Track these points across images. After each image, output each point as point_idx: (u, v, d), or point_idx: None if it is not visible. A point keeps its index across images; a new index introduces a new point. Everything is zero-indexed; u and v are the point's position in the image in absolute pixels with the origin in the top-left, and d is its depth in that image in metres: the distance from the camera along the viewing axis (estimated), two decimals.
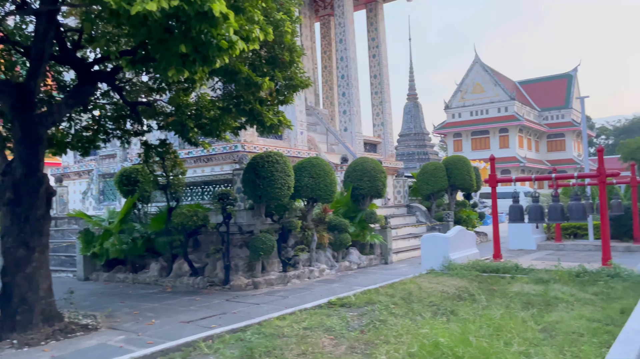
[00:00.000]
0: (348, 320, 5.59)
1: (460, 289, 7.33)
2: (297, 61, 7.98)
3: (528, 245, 13.98)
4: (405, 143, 37.32)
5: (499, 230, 9.97)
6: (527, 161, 47.01)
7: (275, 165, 8.78)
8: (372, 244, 11.81)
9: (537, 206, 9.35)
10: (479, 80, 49.23)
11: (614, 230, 14.02)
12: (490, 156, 10.11)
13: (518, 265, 8.95)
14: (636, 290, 6.72)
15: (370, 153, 17.15)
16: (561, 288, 6.95)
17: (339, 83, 16.41)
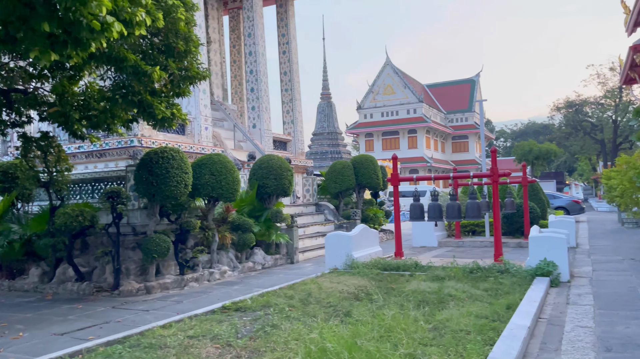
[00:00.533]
0: (239, 326, 5.28)
1: (360, 288, 7.27)
2: (194, 51, 7.52)
3: (430, 242, 14.43)
4: (318, 142, 37.56)
5: (400, 228, 10.12)
6: (434, 161, 49.19)
7: (170, 162, 8.24)
8: (278, 243, 11.56)
9: (436, 204, 9.57)
10: (389, 82, 50.76)
11: (507, 227, 14.89)
12: (392, 155, 10.24)
13: (418, 262, 9.10)
14: (522, 285, 7.01)
15: (280, 151, 16.91)
16: (455, 284, 7.10)
17: (248, 79, 15.99)
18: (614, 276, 8.26)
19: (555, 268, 7.90)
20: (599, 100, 46.39)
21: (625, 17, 20.34)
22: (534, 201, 15.42)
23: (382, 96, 51.30)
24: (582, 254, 11.37)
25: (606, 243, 13.41)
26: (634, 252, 11.31)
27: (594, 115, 47.60)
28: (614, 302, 6.36)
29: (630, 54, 20.29)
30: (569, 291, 7.17)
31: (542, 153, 38.37)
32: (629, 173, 12.36)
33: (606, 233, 16.54)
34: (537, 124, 78.55)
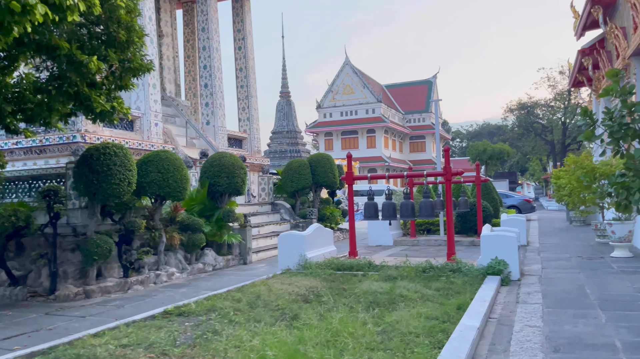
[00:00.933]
0: (178, 333, 4.97)
1: (311, 289, 7.07)
2: (138, 42, 7.11)
3: (386, 241, 14.40)
4: (277, 141, 37.25)
5: (355, 227, 9.98)
6: (392, 161, 49.68)
7: (112, 158, 7.80)
8: (230, 244, 11.22)
9: (390, 203, 9.49)
10: (349, 81, 50.93)
11: (461, 225, 15.03)
12: (347, 154, 10.08)
13: (371, 262, 8.98)
14: (473, 284, 6.98)
15: (235, 149, 16.51)
16: (407, 284, 7.00)
17: (202, 74, 15.52)
18: (562, 274, 8.38)
19: (506, 266, 7.93)
20: (549, 102, 48.06)
21: (575, 22, 21.00)
22: (487, 200, 15.64)
23: (341, 95, 51.42)
24: (532, 252, 11.56)
25: (555, 241, 13.73)
26: (581, 250, 11.58)
27: (545, 117, 49.30)
28: (562, 300, 6.39)
29: (578, 58, 20.96)
30: (519, 290, 7.19)
31: (496, 153, 39.40)
32: (576, 172, 12.67)
33: (555, 231, 16.98)
34: (492, 125, 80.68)
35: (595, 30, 19.48)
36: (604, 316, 5.49)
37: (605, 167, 12.20)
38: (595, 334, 4.81)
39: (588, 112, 7.42)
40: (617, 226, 10.00)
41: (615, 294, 6.62)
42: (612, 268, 8.81)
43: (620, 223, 9.97)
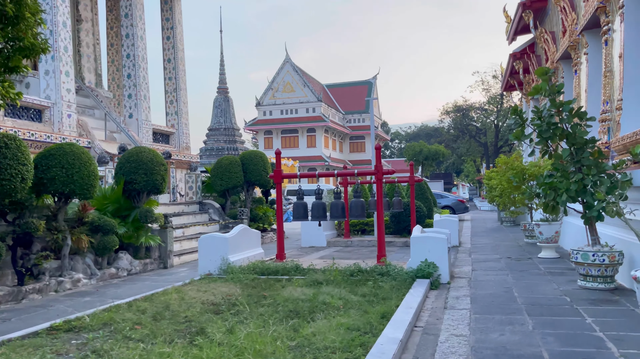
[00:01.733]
0: (58, 355, 4.23)
1: (229, 297, 6.46)
2: (30, 18, 6.22)
3: (319, 242, 13.98)
4: (214, 138, 36.10)
5: (283, 229, 9.44)
6: (332, 160, 49.62)
7: (3, 151, 6.84)
8: (149, 246, 10.37)
9: (320, 203, 9.03)
10: (289, 79, 50.38)
11: (395, 226, 14.86)
12: (276, 150, 9.53)
13: (299, 265, 8.48)
14: (401, 289, 6.62)
15: (161, 145, 15.54)
16: (332, 290, 6.54)
17: (125, 64, 14.46)
18: (491, 276, 8.22)
19: (436, 269, 7.66)
20: (483, 105, 49.69)
21: (507, 26, 21.50)
22: (421, 201, 15.56)
23: (281, 93, 50.78)
24: (463, 253, 11.48)
25: (486, 242, 13.81)
26: (511, 250, 11.62)
27: (479, 120, 50.96)
28: (490, 305, 6.14)
29: (510, 61, 21.47)
30: (447, 294, 6.91)
31: (431, 154, 40.21)
32: (507, 173, 12.75)
33: (487, 231, 17.21)
34: (429, 127, 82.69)
35: (526, 35, 20.00)
36: (531, 322, 5.25)
37: (534, 168, 12.34)
38: (522, 344, 4.51)
39: (518, 111, 7.27)
40: (545, 227, 10.04)
41: (542, 297, 6.45)
42: (540, 269, 8.77)
43: (547, 224, 10.02)
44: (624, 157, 7.85)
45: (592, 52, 10.75)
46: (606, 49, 9.38)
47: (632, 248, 6.85)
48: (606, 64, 9.39)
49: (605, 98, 9.35)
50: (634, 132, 7.19)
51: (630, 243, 6.93)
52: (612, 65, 9.24)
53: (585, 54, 11.08)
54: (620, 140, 7.82)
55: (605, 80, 9.42)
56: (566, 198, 6.72)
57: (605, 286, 6.76)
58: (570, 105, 6.81)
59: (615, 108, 8.35)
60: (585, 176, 6.73)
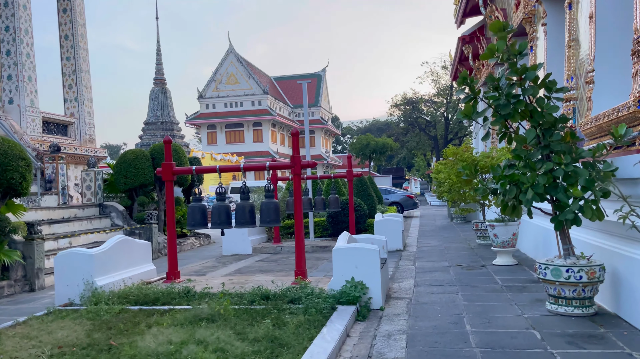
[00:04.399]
0: None
1: (62, 349, 4.39)
2: None
3: (243, 249, 11.97)
4: (151, 132, 33.21)
5: (175, 238, 7.36)
6: (279, 155, 47.52)
7: None
8: (9, 264, 8.06)
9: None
10: (233, 71, 47.83)
11: (332, 227, 13.04)
12: (165, 137, 7.43)
13: (190, 289, 6.45)
14: (311, 328, 4.72)
15: (57, 136, 13.06)
16: (213, 333, 4.56)
17: (3, 38, 11.89)
18: (437, 295, 6.46)
19: (365, 290, 5.82)
20: (433, 98, 48.81)
21: (455, 8, 20.06)
22: (362, 198, 13.81)
23: (225, 85, 48.19)
24: (407, 259, 9.75)
25: (434, 243, 12.18)
26: (462, 255, 10.00)
27: (429, 113, 50.09)
28: (432, 351, 4.33)
29: (459, 46, 20.03)
30: (377, 329, 5.07)
31: (379, 147, 38.74)
32: (456, 166, 11.14)
33: (436, 230, 15.67)
34: (381, 122, 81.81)
35: (476, 17, 18.60)
36: None
37: (486, 159, 10.76)
38: None
39: (467, 79, 5.49)
40: (500, 228, 8.42)
41: (503, 333, 4.70)
42: (496, 282, 7.09)
43: (503, 225, 8.40)
44: (598, 142, 6.24)
45: (552, 21, 9.20)
46: (570, 14, 7.80)
47: (614, 259, 5.22)
48: (570, 32, 7.81)
49: (569, 73, 7.77)
50: (614, 109, 5.55)
51: (612, 252, 5.30)
52: (577, 33, 7.66)
53: (543, 24, 9.53)
54: (593, 121, 6.20)
55: (569, 52, 7.84)
56: (532, 196, 4.98)
57: (583, 311, 5.09)
58: (535, 71, 5.08)
59: (585, 82, 6.74)
60: (556, 166, 5.02)
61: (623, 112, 5.29)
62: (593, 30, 6.55)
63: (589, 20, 6.67)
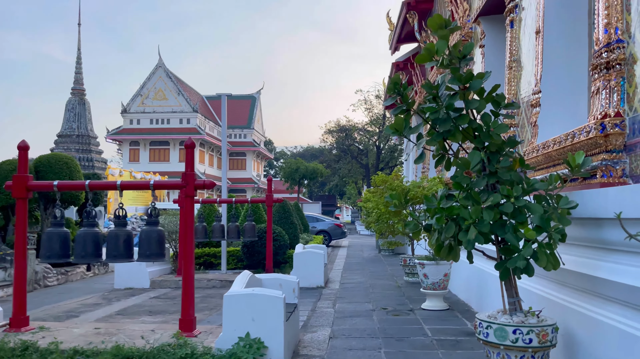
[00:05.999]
0: None
1: None
2: None
3: (139, 282, 10.27)
4: (64, 146, 30.42)
5: (25, 273, 5.69)
6: (207, 177, 45.39)
7: None
8: None
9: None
10: (161, 86, 45.55)
11: (248, 258, 11.61)
12: (20, 143, 5.79)
13: (32, 344, 4.82)
14: None
15: None
16: None
17: None
18: (356, 353, 5.23)
19: (264, 351, 4.49)
20: (366, 126, 48.87)
21: (390, 34, 19.62)
22: (284, 226, 12.52)
23: (152, 101, 45.72)
24: (327, 300, 8.52)
25: (360, 279, 11.05)
26: (388, 296, 8.90)
27: (362, 141, 50.05)
28: None
29: (393, 72, 19.59)
30: None
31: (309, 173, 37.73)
32: (385, 194, 10.14)
33: (363, 263, 14.61)
34: (315, 148, 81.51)
35: (411, 44, 18.21)
36: None
37: (417, 189, 9.85)
38: None
39: (399, 85, 4.42)
40: (431, 268, 7.40)
41: None
42: (426, 334, 5.98)
43: (434, 264, 7.39)
44: (545, 173, 5.37)
45: (490, 42, 8.53)
46: (512, 32, 7.07)
47: (568, 317, 4.23)
48: (511, 52, 7.07)
49: (510, 96, 6.99)
50: (567, 134, 4.67)
51: (565, 308, 4.32)
52: (519, 53, 6.91)
53: (481, 46, 8.86)
54: (540, 148, 5.32)
55: (510, 74, 7.08)
56: (476, 236, 3.90)
57: None
58: (482, 80, 4.07)
59: (530, 105, 5.91)
60: (504, 199, 3.99)
61: (580, 137, 4.39)
62: (540, 47, 5.76)
63: (536, 35, 5.88)
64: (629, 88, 4.03)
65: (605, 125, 4.09)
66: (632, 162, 3.98)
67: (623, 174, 4.04)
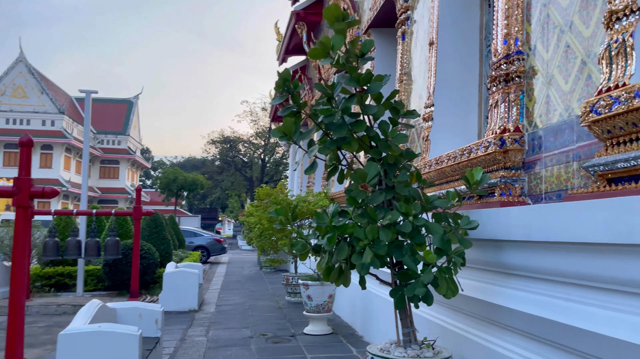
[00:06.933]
0: None
1: None
2: None
3: None
4: None
5: None
6: (72, 186, 41.25)
7: None
8: None
9: None
10: (21, 82, 40.73)
11: (111, 278, 10.21)
12: None
13: None
14: None
15: None
16: None
17: None
18: None
19: None
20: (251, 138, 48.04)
21: (278, 45, 19.23)
22: (155, 242, 11.29)
23: (9, 98, 40.64)
24: (200, 326, 7.60)
25: (239, 300, 10.23)
26: (268, 317, 8.21)
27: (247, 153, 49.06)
28: None
29: None
30: None
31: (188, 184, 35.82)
32: (269, 209, 9.52)
33: (243, 282, 13.76)
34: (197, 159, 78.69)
35: (299, 56, 17.95)
36: None
37: (302, 203, 9.36)
38: None
39: (289, 82, 3.81)
40: (316, 289, 6.87)
41: None
42: None
43: (319, 286, 6.87)
44: (438, 190, 5.10)
45: (380, 55, 8.36)
46: (403, 45, 6.88)
47: (463, 346, 3.90)
48: (402, 65, 6.87)
49: None
50: (463, 149, 4.41)
51: (459, 336, 3.99)
52: (410, 66, 6.73)
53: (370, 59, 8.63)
54: (433, 164, 5.05)
55: (400, 87, 6.87)
56: (372, 260, 3.39)
57: None
58: (382, 82, 3.62)
59: (423, 118, 5.66)
60: (403, 216, 3.54)
61: (478, 152, 4.13)
62: (434, 59, 5.55)
63: (430, 47, 5.68)
64: (529, 103, 3.84)
65: (505, 140, 3.85)
66: (531, 181, 3.76)
67: (522, 193, 3.82)
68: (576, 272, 2.81)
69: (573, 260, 2.80)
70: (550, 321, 2.94)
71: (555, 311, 2.95)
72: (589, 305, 2.73)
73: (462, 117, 5.26)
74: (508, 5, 4.01)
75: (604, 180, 2.75)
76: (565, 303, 2.92)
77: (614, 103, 2.58)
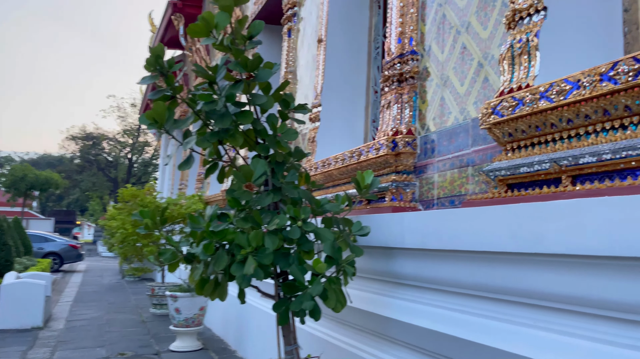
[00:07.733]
0: None
1: None
2: None
3: None
4: None
5: None
6: None
7: None
8: None
9: None
10: None
11: None
12: None
13: None
14: None
15: None
16: None
17: None
18: None
19: None
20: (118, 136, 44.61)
21: (152, 37, 17.97)
22: None
23: None
24: (44, 346, 6.50)
25: (94, 314, 9.08)
26: (129, 333, 7.32)
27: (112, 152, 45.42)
28: None
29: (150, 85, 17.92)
30: None
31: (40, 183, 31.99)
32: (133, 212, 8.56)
33: (101, 292, 12.38)
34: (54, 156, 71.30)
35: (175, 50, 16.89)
36: None
37: (174, 206, 8.59)
38: None
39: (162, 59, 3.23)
40: (185, 301, 6.22)
41: None
42: None
43: (189, 297, 6.24)
44: (325, 194, 4.82)
45: (265, 52, 7.96)
46: (289, 42, 6.57)
47: None
48: (288, 63, 6.55)
49: None
50: (353, 151, 4.17)
51: (344, 351, 3.71)
52: (296, 64, 6.44)
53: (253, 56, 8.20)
54: (320, 166, 4.76)
55: None
56: (256, 270, 2.95)
57: None
58: (271, 70, 3.21)
59: (310, 119, 5.37)
60: (291, 222, 3.16)
61: (368, 155, 3.91)
62: (322, 57, 5.29)
63: (318, 44, 5.41)
64: (422, 105, 3.70)
65: (397, 142, 3.66)
66: (422, 186, 3.62)
67: (413, 198, 3.66)
68: (474, 282, 2.65)
69: (472, 269, 2.63)
70: (444, 334, 2.75)
71: (450, 324, 2.77)
72: (487, 318, 2.58)
73: (350, 119, 5.06)
74: (403, 3, 3.86)
75: (504, 186, 2.63)
76: (461, 315, 2.75)
77: (518, 104, 2.46)
